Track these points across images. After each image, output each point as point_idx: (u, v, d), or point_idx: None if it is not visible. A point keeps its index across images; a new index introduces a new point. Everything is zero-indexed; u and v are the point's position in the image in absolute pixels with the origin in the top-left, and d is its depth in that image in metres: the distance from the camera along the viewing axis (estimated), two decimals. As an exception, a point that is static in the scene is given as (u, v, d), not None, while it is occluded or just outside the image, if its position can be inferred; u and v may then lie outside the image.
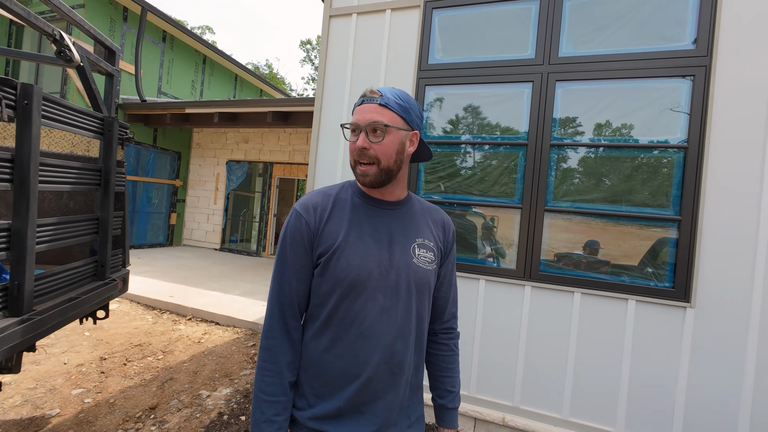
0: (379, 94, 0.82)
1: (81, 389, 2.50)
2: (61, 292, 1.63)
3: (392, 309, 0.83)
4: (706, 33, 1.92)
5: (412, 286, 0.85)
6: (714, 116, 1.90)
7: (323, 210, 0.86)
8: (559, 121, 2.18)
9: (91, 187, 1.82)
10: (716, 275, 1.87)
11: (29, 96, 1.32)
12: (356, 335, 0.81)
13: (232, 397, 2.55)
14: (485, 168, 2.36)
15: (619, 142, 2.09)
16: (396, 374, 0.83)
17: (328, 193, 0.90)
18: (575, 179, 2.18)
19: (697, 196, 1.90)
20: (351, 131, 0.84)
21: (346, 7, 2.68)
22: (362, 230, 0.85)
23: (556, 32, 2.19)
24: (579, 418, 2.05)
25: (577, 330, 2.08)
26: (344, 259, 0.81)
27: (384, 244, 0.85)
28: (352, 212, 0.87)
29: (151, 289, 4.78)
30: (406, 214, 0.91)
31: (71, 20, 1.81)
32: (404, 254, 0.86)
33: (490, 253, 2.33)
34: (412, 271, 0.85)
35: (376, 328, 0.82)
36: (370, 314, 0.82)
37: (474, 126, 2.39)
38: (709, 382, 1.86)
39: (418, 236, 0.90)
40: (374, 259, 0.83)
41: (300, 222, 0.84)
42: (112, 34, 7.11)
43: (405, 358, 0.85)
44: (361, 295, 0.81)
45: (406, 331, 0.85)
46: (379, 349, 0.81)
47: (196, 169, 8.99)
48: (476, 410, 2.22)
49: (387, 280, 0.83)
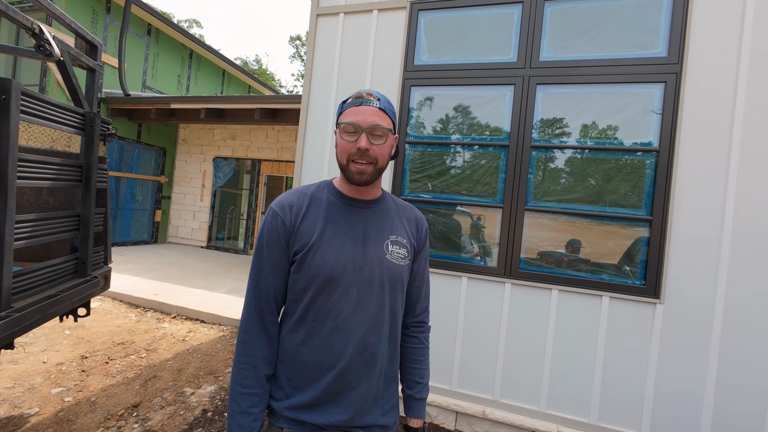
0: (377, 99, 0.87)
1: (61, 388, 2.47)
2: (40, 289, 1.62)
3: (365, 303, 0.87)
4: (677, 41, 2.01)
5: (386, 281, 0.89)
6: (684, 120, 1.99)
7: (299, 209, 0.89)
8: (539, 123, 2.25)
9: (71, 183, 1.80)
10: (684, 272, 1.96)
11: (7, 91, 1.31)
12: (331, 328, 0.85)
13: (216, 394, 2.55)
14: (469, 168, 2.42)
15: (596, 145, 2.17)
16: (369, 365, 0.87)
17: (304, 192, 0.93)
18: (554, 180, 2.25)
19: (668, 196, 2.00)
20: (345, 131, 0.85)
21: (334, 7, 2.70)
22: (337, 228, 0.88)
23: (537, 37, 2.25)
24: (555, 410, 2.13)
25: (555, 325, 2.15)
26: (319, 256, 0.84)
27: (358, 241, 0.88)
28: (327, 211, 0.90)
29: (135, 287, 4.71)
30: (380, 212, 0.95)
31: (51, 13, 1.78)
32: (378, 251, 0.89)
33: (477, 252, 2.39)
34: (385, 267, 0.89)
35: (350, 321, 0.85)
36: (344, 308, 0.85)
37: (458, 126, 2.44)
38: (676, 373, 1.96)
39: (392, 233, 0.93)
40: (348, 255, 0.86)
41: (276, 221, 0.87)
42: (95, 26, 6.93)
43: (378, 350, 0.88)
44: (336, 290, 0.85)
45: (379, 324, 0.88)
46: (353, 342, 0.85)
47: (182, 165, 8.85)
48: (458, 404, 2.28)
49: (360, 275, 0.86)
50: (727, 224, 1.90)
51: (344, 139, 0.86)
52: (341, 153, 0.87)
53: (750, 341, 1.86)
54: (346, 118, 0.86)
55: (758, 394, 1.84)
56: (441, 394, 2.33)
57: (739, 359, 1.87)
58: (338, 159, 0.89)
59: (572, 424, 2.09)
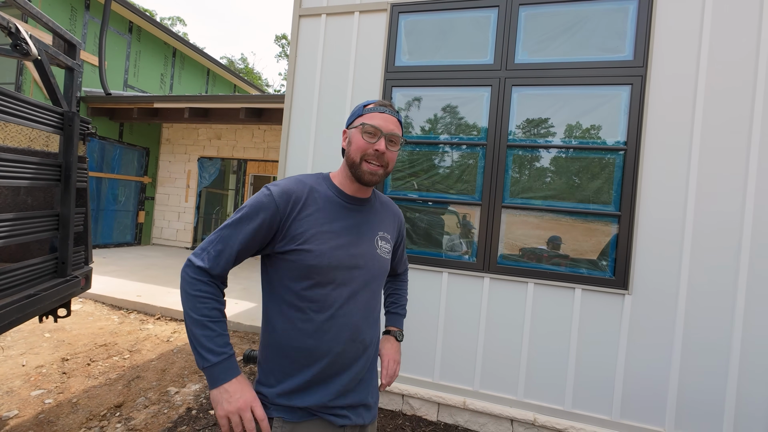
0: (396, 109, 0.98)
1: (41, 390, 2.44)
2: (18, 288, 1.61)
3: (359, 294, 0.94)
4: (642, 45, 2.12)
5: (376, 273, 0.98)
6: (648, 120, 2.10)
7: (297, 199, 0.91)
8: (515, 123, 2.34)
9: (50, 182, 1.80)
10: (650, 264, 2.08)
11: (-17, 90, 1.31)
12: (326, 317, 0.90)
13: (201, 392, 2.56)
14: (449, 166, 2.49)
15: (568, 144, 2.27)
16: (360, 350, 0.95)
17: (304, 182, 0.95)
18: (530, 178, 2.34)
19: (634, 192, 2.10)
20: (366, 132, 0.92)
21: (316, 8, 2.73)
22: (335, 223, 0.93)
23: (512, 40, 2.34)
24: (532, 399, 2.22)
25: (531, 317, 2.24)
26: (317, 250, 0.89)
27: (353, 237, 0.95)
28: (327, 206, 0.94)
29: (118, 288, 4.64)
30: (371, 210, 1.03)
31: (27, 11, 1.77)
32: (370, 246, 0.98)
33: (457, 247, 2.46)
34: (375, 260, 0.98)
35: (345, 310, 0.91)
36: (339, 298, 0.91)
37: (439, 126, 2.51)
38: (643, 359, 2.07)
39: (380, 229, 1.03)
40: (345, 250, 0.92)
41: (270, 202, 0.88)
42: (73, 23, 6.77)
43: (367, 336, 0.97)
44: (332, 282, 0.90)
45: (369, 312, 0.97)
46: (347, 329, 0.92)
47: (166, 165, 8.71)
48: (439, 396, 2.35)
49: (355, 269, 0.93)
50: (689, 216, 2.02)
51: (364, 139, 0.91)
52: (356, 151, 0.92)
53: (709, 328, 1.98)
54: (371, 120, 0.92)
55: (717, 375, 1.96)
56: (423, 386, 2.40)
57: (700, 343, 1.99)
58: (351, 156, 0.93)
59: (548, 411, 2.18)
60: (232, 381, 0.83)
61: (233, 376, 0.83)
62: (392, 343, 1.17)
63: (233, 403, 0.81)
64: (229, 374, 0.83)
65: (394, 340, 1.18)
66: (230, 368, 0.83)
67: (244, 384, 0.85)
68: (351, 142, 0.94)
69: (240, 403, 0.81)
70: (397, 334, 1.20)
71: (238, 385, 0.83)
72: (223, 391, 0.82)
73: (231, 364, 0.84)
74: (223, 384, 0.82)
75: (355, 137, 0.93)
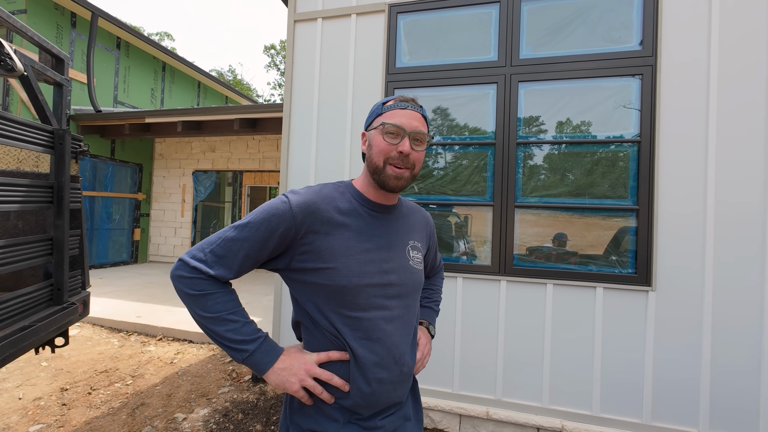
0: (418, 104, 0.87)
1: (40, 425, 2.30)
2: (12, 320, 1.50)
3: (395, 309, 0.85)
4: (650, 34, 2.07)
5: (409, 287, 0.89)
6: (661, 111, 2.04)
7: (318, 211, 0.81)
8: (523, 120, 2.27)
9: (42, 205, 1.69)
10: (672, 258, 2.00)
11: (-35, 109, 1.21)
12: (360, 337, 0.81)
13: (210, 417, 2.44)
14: (457, 168, 2.41)
15: (579, 139, 2.20)
16: (401, 368, 0.85)
17: (325, 192, 0.86)
18: (541, 175, 2.27)
19: (651, 185, 2.04)
20: (387, 132, 0.82)
21: (311, 12, 2.67)
22: (363, 238, 0.84)
23: (515, 35, 2.28)
24: (557, 405, 2.13)
25: (552, 319, 2.16)
26: (345, 267, 0.80)
27: (384, 250, 0.86)
28: (351, 218, 0.85)
29: (116, 310, 4.49)
30: (399, 217, 0.94)
31: (12, 26, 1.68)
32: (402, 257, 0.89)
33: (471, 251, 2.38)
34: (409, 273, 0.89)
35: (382, 330, 0.82)
36: (375, 317, 0.82)
37: (444, 127, 2.44)
38: (672, 357, 1.99)
39: (410, 238, 0.94)
40: (375, 265, 0.83)
41: (287, 211, 0.79)
42: (60, 41, 6.66)
43: (405, 353, 0.87)
44: (366, 300, 0.81)
45: (405, 328, 0.88)
46: (384, 349, 0.82)
47: (160, 181, 8.57)
48: (461, 407, 2.25)
49: (389, 285, 0.85)
50: (710, 207, 1.95)
51: (386, 140, 0.82)
52: (378, 154, 0.83)
53: (738, 320, 1.91)
54: (392, 119, 0.83)
55: (748, 371, 1.88)
56: (443, 397, 2.30)
57: (728, 338, 1.91)
58: (373, 160, 0.84)
59: (576, 417, 2.09)
60: (281, 357, 0.79)
61: (279, 352, 0.80)
62: (424, 332, 1.06)
63: (297, 373, 0.78)
64: (273, 354, 0.79)
65: (426, 331, 1.06)
66: (272, 347, 0.80)
67: (292, 352, 0.82)
68: (371, 145, 0.85)
69: (303, 369, 0.79)
70: (429, 327, 1.08)
71: (288, 358, 0.80)
72: (279, 370, 0.78)
73: (270, 344, 0.80)
74: (273, 365, 0.78)
75: (376, 139, 0.84)
